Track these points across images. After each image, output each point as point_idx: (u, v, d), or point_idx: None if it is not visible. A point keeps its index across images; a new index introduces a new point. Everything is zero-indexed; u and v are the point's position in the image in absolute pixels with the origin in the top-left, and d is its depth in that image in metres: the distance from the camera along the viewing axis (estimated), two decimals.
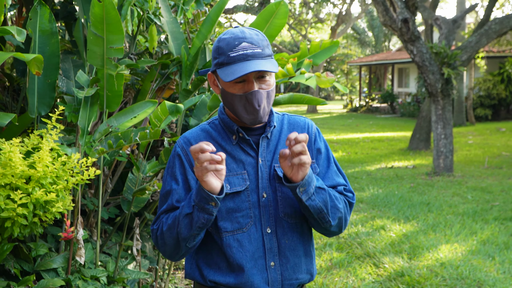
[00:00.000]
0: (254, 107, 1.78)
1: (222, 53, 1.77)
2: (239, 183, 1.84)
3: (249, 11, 15.38)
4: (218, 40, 1.80)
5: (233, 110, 1.82)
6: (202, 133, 1.91)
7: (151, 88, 4.02)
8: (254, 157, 1.87)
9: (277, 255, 1.87)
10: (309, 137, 1.97)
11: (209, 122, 1.95)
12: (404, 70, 31.41)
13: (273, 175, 1.87)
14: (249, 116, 1.80)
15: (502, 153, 13.43)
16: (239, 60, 1.74)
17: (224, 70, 1.76)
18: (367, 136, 18.11)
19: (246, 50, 1.75)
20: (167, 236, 1.81)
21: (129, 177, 3.85)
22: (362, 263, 5.24)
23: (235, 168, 1.86)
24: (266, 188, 1.86)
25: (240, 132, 1.87)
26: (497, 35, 9.83)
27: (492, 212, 7.32)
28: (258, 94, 1.78)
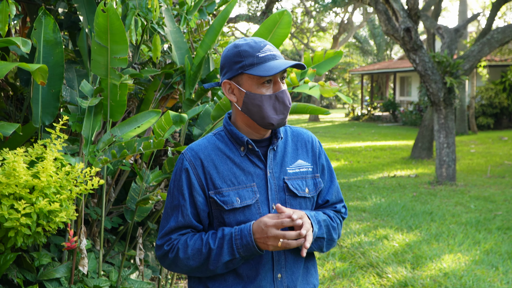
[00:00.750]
0: (286, 105, 1.82)
1: (249, 55, 1.78)
2: (249, 196, 1.84)
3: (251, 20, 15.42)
4: (236, 46, 1.81)
5: (260, 112, 1.81)
6: (210, 145, 1.89)
7: (154, 98, 4.03)
8: (263, 169, 1.88)
9: (284, 267, 1.88)
10: (315, 152, 2.02)
11: (214, 133, 1.94)
12: (406, 78, 31.44)
13: (283, 187, 1.89)
14: (278, 116, 1.82)
15: (504, 162, 13.41)
16: (269, 60, 1.78)
17: (258, 69, 1.77)
18: (369, 144, 18.10)
19: (271, 51, 1.81)
20: (183, 263, 1.82)
21: (132, 187, 3.84)
22: (365, 273, 5.22)
23: (244, 181, 1.85)
24: (275, 200, 1.87)
25: (250, 144, 1.86)
26: (499, 44, 9.84)
27: (495, 222, 7.30)
28: (287, 93, 1.85)
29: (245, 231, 1.77)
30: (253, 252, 1.77)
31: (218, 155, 1.86)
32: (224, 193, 1.82)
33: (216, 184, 1.83)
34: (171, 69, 4.01)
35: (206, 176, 1.84)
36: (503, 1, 13.65)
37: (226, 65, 1.84)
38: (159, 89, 4.06)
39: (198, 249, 1.80)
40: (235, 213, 1.82)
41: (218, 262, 1.79)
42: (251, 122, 1.86)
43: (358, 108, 34.32)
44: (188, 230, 1.85)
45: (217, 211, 1.84)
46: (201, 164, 1.84)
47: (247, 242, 1.76)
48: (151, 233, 4.52)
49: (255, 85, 1.79)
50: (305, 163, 1.96)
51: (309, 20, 31.83)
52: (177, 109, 4.52)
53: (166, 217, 1.87)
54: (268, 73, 1.74)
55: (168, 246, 1.83)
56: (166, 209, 1.88)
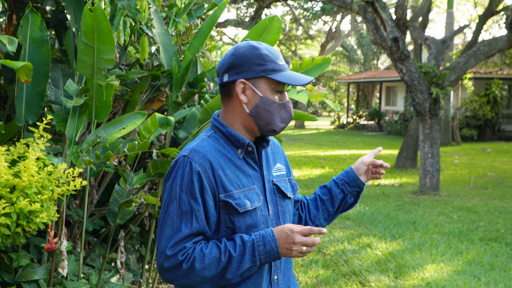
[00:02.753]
0: (290, 114, 1.87)
1: (270, 61, 1.80)
2: (255, 198, 1.83)
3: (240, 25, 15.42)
4: (255, 48, 1.81)
5: (268, 118, 1.82)
6: (212, 148, 1.83)
7: (140, 100, 3.99)
8: (258, 171, 1.89)
9: (280, 269, 1.91)
10: (284, 156, 2.10)
11: (208, 135, 1.88)
12: (392, 88, 31.64)
13: (273, 189, 1.91)
14: (282, 125, 1.86)
15: (487, 173, 13.51)
16: (286, 69, 1.84)
17: (281, 76, 1.80)
18: (354, 153, 18.15)
19: (283, 61, 1.85)
20: (197, 274, 1.73)
21: (115, 189, 3.80)
22: (348, 281, 5.21)
23: (247, 183, 1.84)
24: (270, 202, 1.89)
25: (250, 146, 1.85)
26: (485, 57, 9.93)
27: (478, 233, 7.33)
28: (291, 104, 1.89)
29: (268, 237, 1.75)
30: (274, 258, 1.76)
31: (222, 158, 1.82)
32: (235, 196, 1.79)
33: (226, 187, 1.78)
34: (158, 71, 3.97)
35: (216, 179, 1.78)
36: (490, 15, 13.81)
37: (243, 65, 1.80)
38: (146, 91, 4.02)
39: (216, 258, 1.73)
40: (245, 216, 1.79)
41: (238, 270, 1.74)
42: (252, 125, 1.85)
43: (344, 117, 34.46)
44: (200, 238, 1.77)
45: (226, 216, 1.79)
46: (211, 167, 1.78)
47: (271, 248, 1.74)
48: (133, 236, 4.47)
49: (270, 91, 1.81)
50: (282, 167, 2.01)
51: (297, 28, 31.95)
52: (163, 112, 4.48)
53: (172, 224, 1.75)
54: (294, 82, 1.79)
55: (183, 256, 1.72)
56: (171, 216, 1.76)
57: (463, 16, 34.22)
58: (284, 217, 1.92)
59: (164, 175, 3.39)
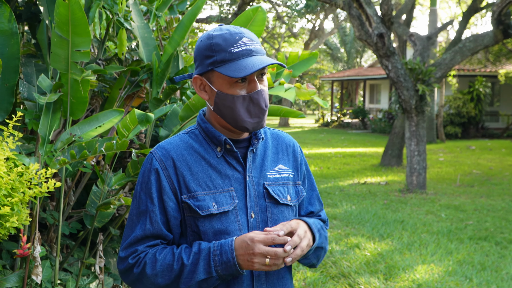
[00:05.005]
0: (261, 107, 1.61)
1: (221, 50, 1.57)
2: (226, 201, 1.63)
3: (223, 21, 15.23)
4: (209, 37, 1.59)
5: (232, 115, 1.60)
6: (182, 144, 1.67)
7: (119, 96, 3.80)
8: (241, 172, 1.68)
9: (265, 283, 1.68)
10: (296, 158, 1.83)
11: (187, 131, 1.72)
12: (376, 86, 31.67)
13: (263, 193, 1.69)
14: (253, 120, 1.61)
15: (473, 171, 13.48)
16: (243, 56, 1.57)
17: (229, 67, 1.55)
18: (339, 151, 18.06)
19: (248, 45, 1.58)
20: (149, 281, 1.59)
21: (93, 190, 3.60)
22: (337, 284, 5.05)
23: (221, 185, 1.64)
24: (254, 207, 1.67)
25: (228, 144, 1.65)
26: (471, 53, 9.86)
27: (467, 232, 7.23)
28: (264, 93, 1.62)
29: (226, 246, 1.55)
30: (233, 271, 1.55)
31: (192, 155, 1.64)
32: (199, 197, 1.61)
33: (190, 187, 1.62)
34: (137, 66, 3.78)
35: (179, 178, 1.62)
36: (474, 11, 13.78)
37: (197, 58, 1.64)
38: (125, 87, 3.83)
39: (168, 265, 1.57)
40: (211, 220, 1.60)
41: (190, 281, 1.56)
42: (223, 122, 1.66)
43: (328, 115, 34.42)
44: (157, 242, 1.62)
45: (190, 218, 1.62)
46: (173, 165, 1.62)
47: (227, 259, 1.54)
48: (114, 239, 4.28)
49: (227, 84, 1.59)
50: (286, 169, 1.78)
51: (281, 26, 31.81)
52: (143, 109, 4.29)
53: (131, 225, 1.64)
54: (238, 74, 1.54)
55: (133, 260, 1.60)
56: (131, 216, 1.65)
57: (445, 14, 34.38)
58: (275, 224, 1.68)
59: None
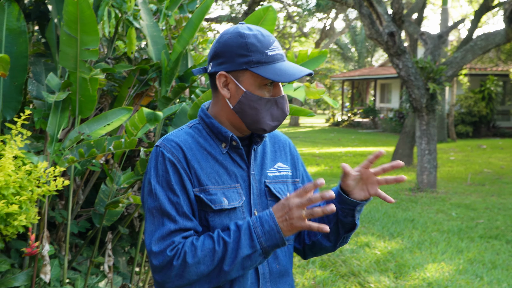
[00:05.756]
0: (284, 112, 1.63)
1: (256, 51, 1.56)
2: (235, 197, 1.62)
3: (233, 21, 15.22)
4: (241, 35, 1.57)
5: (255, 116, 1.59)
6: (189, 138, 1.64)
7: (128, 95, 3.80)
8: (245, 169, 1.67)
9: (269, 281, 1.67)
10: (293, 156, 1.84)
11: (190, 126, 1.69)
12: (386, 85, 31.52)
13: (265, 191, 1.69)
14: (273, 123, 1.62)
15: (484, 170, 13.39)
16: (278, 60, 1.58)
17: (267, 70, 1.55)
18: (350, 150, 18.00)
19: (280, 50, 1.60)
20: (191, 271, 1.51)
21: (101, 189, 3.61)
22: (346, 282, 5.03)
23: (228, 181, 1.63)
24: (257, 205, 1.66)
25: (234, 140, 1.64)
26: (482, 51, 9.77)
27: (477, 230, 7.18)
28: (286, 99, 1.64)
29: (265, 216, 1.52)
30: (276, 239, 1.51)
31: (199, 150, 1.62)
32: (211, 191, 1.59)
33: (201, 181, 1.59)
34: (146, 64, 3.78)
35: (191, 171, 1.59)
36: (485, 10, 13.66)
37: (225, 55, 1.59)
38: (134, 85, 3.83)
39: (209, 249, 1.51)
40: (221, 215, 1.59)
41: (235, 259, 1.50)
42: (239, 122, 1.64)
43: (339, 114, 34.32)
44: (191, 233, 1.56)
45: (201, 213, 1.59)
46: (184, 157, 1.59)
47: (270, 228, 1.51)
48: (123, 238, 4.28)
49: (257, 85, 1.58)
50: (285, 166, 1.77)
51: (292, 25, 31.76)
52: (152, 107, 4.29)
53: (153, 220, 1.56)
54: (280, 78, 1.54)
55: (172, 252, 1.52)
56: (150, 210, 1.58)
57: (456, 13, 34.15)
58: None
59: None
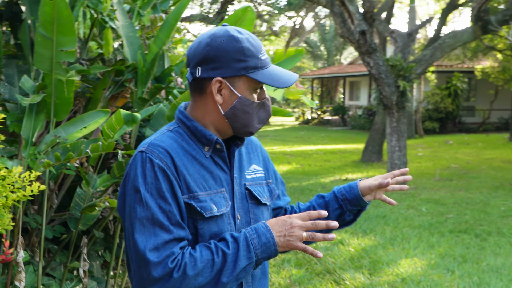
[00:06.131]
0: (269, 113, 1.66)
1: (252, 56, 1.55)
2: (222, 203, 1.60)
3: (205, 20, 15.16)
4: (235, 40, 1.53)
5: (247, 120, 1.59)
6: (174, 143, 1.59)
7: (103, 96, 3.75)
8: (228, 173, 1.65)
9: (251, 284, 1.67)
10: (264, 157, 1.84)
11: (170, 129, 1.63)
12: (355, 83, 31.83)
13: (245, 194, 1.68)
14: (259, 125, 1.65)
15: (451, 165, 13.64)
16: (269, 65, 1.60)
17: (264, 75, 1.57)
18: (320, 148, 18.13)
19: (266, 54, 1.61)
20: (189, 283, 1.48)
21: (77, 192, 3.55)
22: (322, 280, 5.07)
23: (214, 185, 1.60)
24: (239, 209, 1.65)
25: (219, 144, 1.61)
26: (450, 49, 9.96)
27: (447, 225, 7.32)
28: (270, 101, 1.66)
29: (262, 228, 1.53)
30: (271, 252, 1.52)
31: (185, 155, 1.58)
32: (201, 198, 1.55)
33: (190, 187, 1.55)
34: (122, 65, 3.73)
35: (180, 177, 1.54)
36: (452, 8, 13.91)
37: (220, 60, 1.54)
38: (109, 87, 3.78)
39: (208, 260, 1.49)
40: (209, 222, 1.56)
41: (234, 270, 1.49)
42: (226, 127, 1.62)
43: (308, 112, 34.52)
44: (185, 243, 1.52)
45: (190, 220, 1.55)
46: (173, 163, 1.54)
47: (266, 240, 1.51)
48: (97, 242, 4.23)
49: (250, 90, 1.58)
50: (259, 168, 1.77)
51: (262, 24, 31.78)
52: (128, 109, 4.24)
53: (143, 230, 1.49)
54: (279, 84, 1.56)
55: (173, 263, 1.47)
56: (140, 220, 1.50)
57: (423, 11, 34.67)
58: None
59: None
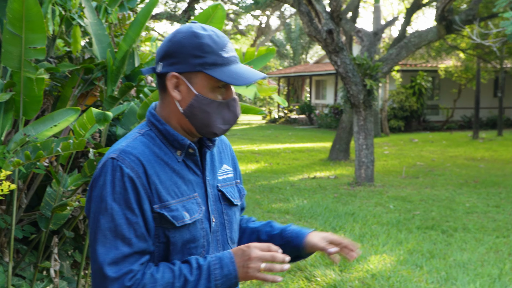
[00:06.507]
0: (236, 115, 1.60)
1: (212, 52, 1.51)
2: (195, 209, 1.57)
3: (172, 18, 15.07)
4: (196, 35, 1.51)
5: (206, 119, 1.54)
6: (146, 149, 1.55)
7: (72, 95, 3.70)
8: (200, 176, 1.62)
9: None
10: (233, 156, 1.83)
11: (141, 133, 1.60)
12: (321, 82, 32.09)
13: (218, 196, 1.66)
14: (225, 126, 1.58)
15: (416, 163, 13.88)
16: (232, 63, 1.54)
17: (222, 72, 1.51)
18: (288, 146, 18.23)
19: (234, 52, 1.56)
20: None
21: (47, 192, 3.50)
22: (294, 277, 5.11)
23: (187, 191, 1.57)
24: (214, 211, 1.64)
25: (191, 148, 1.58)
26: (415, 48, 10.13)
27: (415, 221, 7.45)
28: (238, 102, 1.60)
29: (226, 259, 1.50)
30: (231, 283, 1.51)
31: (157, 161, 1.54)
32: (172, 206, 1.52)
33: (161, 196, 1.52)
34: (91, 63, 3.69)
35: (151, 186, 1.51)
36: (416, 8, 14.15)
37: (178, 55, 1.52)
38: (78, 85, 3.73)
39: (168, 283, 1.46)
40: (182, 231, 1.53)
41: None
42: (189, 126, 1.58)
43: (275, 111, 34.65)
44: (147, 258, 1.50)
45: (160, 229, 1.52)
46: (144, 171, 1.51)
47: (228, 272, 1.49)
48: (66, 241, 4.17)
49: (209, 87, 1.53)
50: (229, 168, 1.76)
51: (227, 23, 31.75)
52: (97, 107, 4.20)
53: (105, 241, 1.46)
54: (236, 81, 1.50)
55: (131, 281, 1.44)
56: (103, 231, 1.47)
57: (386, 11, 35.16)
58: (231, 227, 1.69)
59: None
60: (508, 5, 8.66)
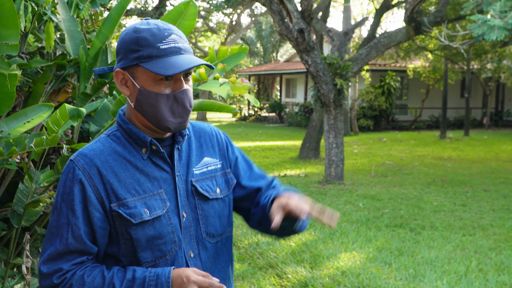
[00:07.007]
0: (185, 107, 1.57)
1: (148, 45, 1.51)
2: (158, 205, 1.59)
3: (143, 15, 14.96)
4: (135, 31, 1.53)
5: (154, 113, 1.55)
6: (105, 149, 1.59)
7: (44, 91, 3.67)
8: (169, 172, 1.64)
9: None
10: (221, 146, 1.81)
11: (108, 134, 1.64)
12: (292, 80, 32.26)
13: (192, 191, 1.67)
14: (176, 120, 1.56)
15: (385, 162, 14.08)
16: (172, 54, 1.52)
17: (156, 64, 1.50)
18: (258, 144, 18.29)
19: (177, 43, 1.54)
20: None
21: (20, 188, 3.47)
22: (265, 274, 5.16)
23: (151, 188, 1.60)
24: (185, 206, 1.65)
25: (154, 144, 1.61)
26: (385, 48, 10.29)
27: (383, 220, 7.58)
28: (189, 93, 1.57)
29: (163, 278, 1.51)
30: None
31: (117, 160, 1.58)
32: (130, 204, 1.56)
33: (119, 195, 1.56)
34: (64, 60, 3.67)
35: (106, 187, 1.55)
36: (386, 9, 14.35)
37: (121, 51, 1.56)
38: (50, 81, 3.71)
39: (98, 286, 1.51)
40: (143, 227, 1.56)
41: None
42: (145, 121, 1.61)
43: (245, 109, 34.69)
44: (83, 258, 1.54)
45: (122, 227, 1.56)
46: (98, 173, 1.55)
47: None
48: (37, 238, 4.14)
49: (151, 81, 1.53)
50: (212, 160, 1.75)
51: (198, 20, 31.66)
52: (69, 104, 4.17)
53: (50, 238, 1.54)
54: (166, 71, 1.49)
55: (59, 280, 1.51)
56: (50, 228, 1.55)
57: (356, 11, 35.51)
58: (206, 221, 1.69)
59: None
60: (475, 8, 8.87)
